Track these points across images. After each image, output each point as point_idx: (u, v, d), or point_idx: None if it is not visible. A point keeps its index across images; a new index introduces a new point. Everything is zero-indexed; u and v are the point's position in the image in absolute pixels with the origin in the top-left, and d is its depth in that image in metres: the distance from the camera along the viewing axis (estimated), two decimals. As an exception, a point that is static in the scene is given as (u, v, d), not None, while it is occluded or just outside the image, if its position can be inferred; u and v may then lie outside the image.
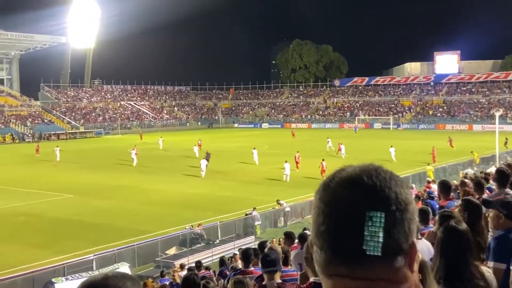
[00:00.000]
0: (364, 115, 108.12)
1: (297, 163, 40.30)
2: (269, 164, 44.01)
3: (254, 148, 45.33)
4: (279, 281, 5.03)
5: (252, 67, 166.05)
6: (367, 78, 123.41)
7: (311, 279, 3.80)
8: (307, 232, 13.05)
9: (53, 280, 18.14)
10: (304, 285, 3.91)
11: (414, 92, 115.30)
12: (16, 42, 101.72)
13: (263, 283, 5.16)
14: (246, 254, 7.81)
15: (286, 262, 7.26)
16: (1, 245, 22.57)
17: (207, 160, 42.61)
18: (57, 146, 53.93)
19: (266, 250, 8.03)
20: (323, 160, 37.33)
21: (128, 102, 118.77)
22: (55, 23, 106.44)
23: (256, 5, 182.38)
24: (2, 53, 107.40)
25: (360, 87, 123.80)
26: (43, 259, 20.39)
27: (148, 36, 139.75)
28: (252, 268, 7.53)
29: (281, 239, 14.85)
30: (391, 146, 46.51)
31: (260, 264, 5.57)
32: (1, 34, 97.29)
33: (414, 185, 26.87)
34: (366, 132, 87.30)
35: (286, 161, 37.62)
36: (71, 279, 18.23)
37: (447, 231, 3.09)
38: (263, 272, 5.25)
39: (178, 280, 15.31)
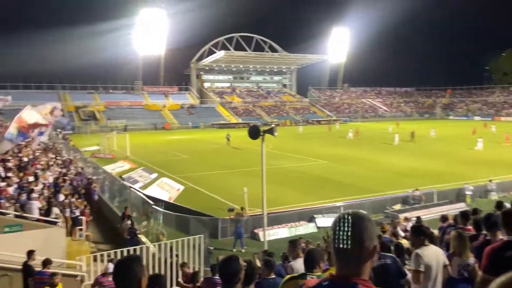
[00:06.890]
0: None
1: None
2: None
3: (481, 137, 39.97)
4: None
5: (466, 72, 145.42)
6: None
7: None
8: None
9: (314, 215, 19.14)
10: None
11: None
12: (295, 60, 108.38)
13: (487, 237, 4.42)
14: (465, 215, 6.88)
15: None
16: (284, 189, 24.55)
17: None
18: (353, 129, 56.47)
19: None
20: None
21: (367, 100, 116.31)
22: (321, 46, 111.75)
23: (473, 17, 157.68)
24: (286, 67, 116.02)
25: None
26: (308, 201, 21.55)
27: (381, 49, 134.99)
28: (470, 227, 6.57)
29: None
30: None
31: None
32: (287, 55, 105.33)
33: None
34: None
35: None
36: (326, 217, 18.93)
37: None
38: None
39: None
